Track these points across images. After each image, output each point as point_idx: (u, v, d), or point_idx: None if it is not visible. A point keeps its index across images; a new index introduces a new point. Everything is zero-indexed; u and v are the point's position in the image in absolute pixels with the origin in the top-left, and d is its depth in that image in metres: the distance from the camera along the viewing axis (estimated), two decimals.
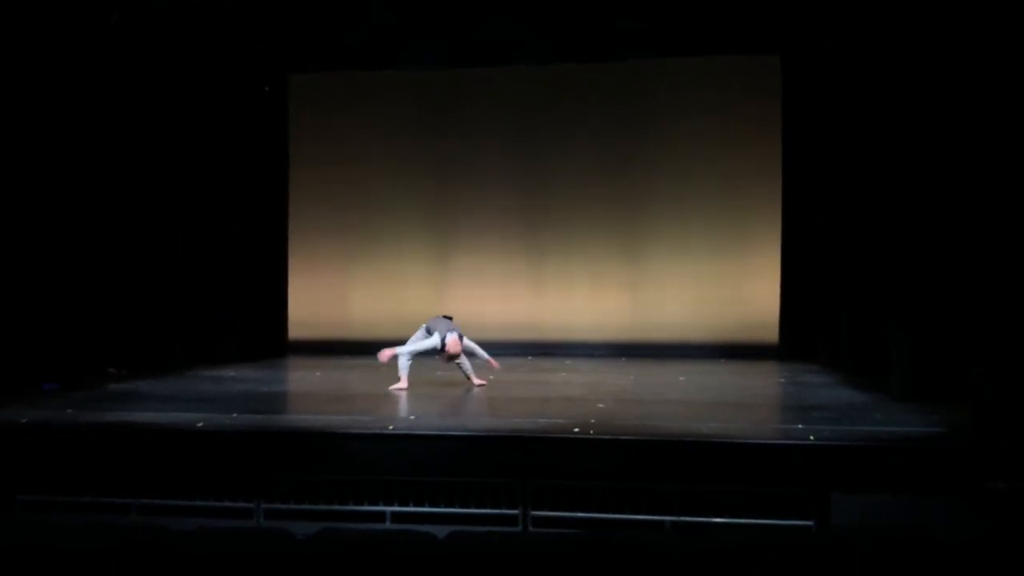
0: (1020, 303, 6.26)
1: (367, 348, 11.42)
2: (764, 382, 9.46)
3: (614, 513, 5.61)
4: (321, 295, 12.76)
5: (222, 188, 11.36)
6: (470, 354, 8.41)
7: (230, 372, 9.87)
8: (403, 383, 8.12)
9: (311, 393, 8.71)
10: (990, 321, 6.51)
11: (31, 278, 8.29)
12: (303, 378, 9.96)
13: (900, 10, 7.87)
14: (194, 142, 10.78)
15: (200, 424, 6.34)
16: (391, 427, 6.20)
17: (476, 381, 8.47)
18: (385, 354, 8.15)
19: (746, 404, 7.71)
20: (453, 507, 5.74)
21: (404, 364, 8.17)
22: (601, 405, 7.35)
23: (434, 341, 8.03)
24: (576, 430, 6.01)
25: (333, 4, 9.88)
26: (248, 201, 11.98)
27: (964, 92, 6.99)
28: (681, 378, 9.48)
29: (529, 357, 11.52)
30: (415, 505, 5.79)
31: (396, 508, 5.80)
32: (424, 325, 8.32)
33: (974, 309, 6.79)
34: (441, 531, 3.52)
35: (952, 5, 7.10)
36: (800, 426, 6.23)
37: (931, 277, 7.35)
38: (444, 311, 8.86)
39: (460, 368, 8.44)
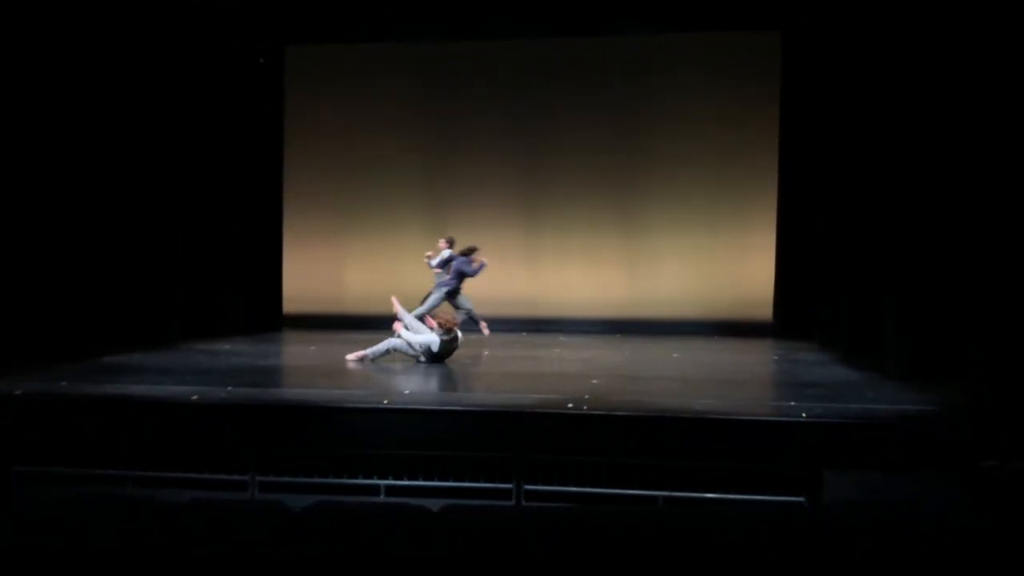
0: (1015, 285, 6.27)
1: (362, 323, 11.46)
2: (758, 359, 9.49)
3: (607, 488, 5.64)
4: (316, 269, 12.74)
5: (217, 161, 11.27)
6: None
7: (225, 346, 9.88)
8: (359, 355, 8.45)
9: (306, 367, 8.71)
10: (985, 303, 6.52)
11: (27, 252, 8.26)
12: (298, 352, 9.96)
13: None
14: (189, 116, 10.67)
15: (195, 397, 6.35)
16: (386, 401, 6.21)
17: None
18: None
19: (740, 381, 7.74)
20: (447, 481, 5.77)
21: (381, 350, 8.39)
22: (595, 381, 7.37)
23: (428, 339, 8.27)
24: (570, 406, 6.04)
25: None
26: (243, 174, 11.91)
27: (961, 78, 6.96)
28: (675, 355, 9.51)
29: (524, 333, 11.54)
30: (409, 479, 5.82)
31: (390, 482, 5.83)
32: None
33: (969, 290, 6.80)
34: (435, 504, 3.54)
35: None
36: (793, 403, 6.26)
37: (927, 258, 7.35)
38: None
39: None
